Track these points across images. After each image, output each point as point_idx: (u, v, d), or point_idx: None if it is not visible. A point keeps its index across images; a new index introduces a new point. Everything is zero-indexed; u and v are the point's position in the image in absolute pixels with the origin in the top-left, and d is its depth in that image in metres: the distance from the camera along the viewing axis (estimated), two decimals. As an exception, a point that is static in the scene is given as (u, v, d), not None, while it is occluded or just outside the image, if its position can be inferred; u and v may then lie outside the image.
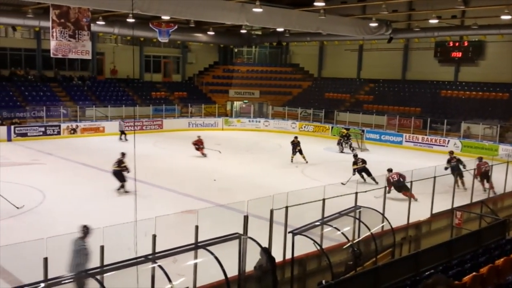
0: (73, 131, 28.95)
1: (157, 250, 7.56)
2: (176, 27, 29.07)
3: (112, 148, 18.75)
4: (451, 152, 18.97)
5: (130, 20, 26.36)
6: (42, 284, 6.24)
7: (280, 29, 32.68)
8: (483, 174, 16.41)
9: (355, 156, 18.96)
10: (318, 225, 9.67)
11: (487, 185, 16.16)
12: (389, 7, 25.35)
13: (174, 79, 40.92)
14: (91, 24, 24.84)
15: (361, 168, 18.08)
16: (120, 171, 15.75)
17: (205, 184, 17.64)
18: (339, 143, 25.75)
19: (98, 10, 25.86)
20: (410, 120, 28.94)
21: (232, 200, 14.29)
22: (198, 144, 22.84)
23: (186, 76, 41.52)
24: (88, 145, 25.94)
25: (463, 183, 16.59)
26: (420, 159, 22.84)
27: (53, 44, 23.07)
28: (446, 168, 16.81)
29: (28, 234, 11.47)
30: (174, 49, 40.23)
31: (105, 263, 7.27)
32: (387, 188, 13.84)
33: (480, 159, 17.27)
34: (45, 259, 6.83)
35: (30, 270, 8.46)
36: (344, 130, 27.07)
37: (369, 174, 17.86)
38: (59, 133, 28.33)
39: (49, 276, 6.72)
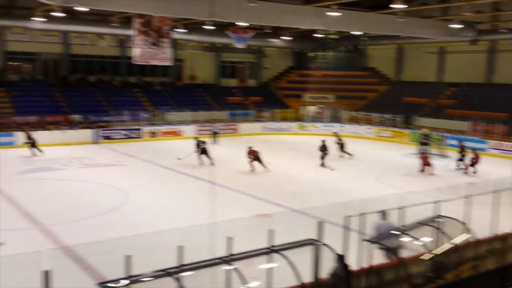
0: (153, 134, 30.15)
1: (232, 253, 7.67)
2: (253, 33, 29.48)
3: (191, 151, 19.31)
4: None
5: (208, 27, 27.06)
6: (126, 281, 6.51)
7: (356, 33, 32.19)
8: None
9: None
10: (395, 234, 9.38)
11: None
12: (473, 8, 24.19)
13: (249, 84, 41.48)
14: (172, 32, 25.81)
15: None
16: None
17: (278, 188, 17.70)
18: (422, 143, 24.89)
19: (178, 18, 26.82)
20: (496, 126, 27.40)
21: (305, 205, 14.25)
22: (252, 155, 20.41)
23: (261, 81, 41.95)
24: (167, 147, 26.87)
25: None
26: (507, 167, 21.54)
27: (136, 51, 24.22)
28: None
29: (112, 232, 12.10)
30: (249, 55, 40.79)
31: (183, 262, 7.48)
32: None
33: None
34: (128, 257, 7.13)
35: (113, 266, 8.90)
36: (425, 129, 26.18)
37: None
38: (140, 136, 29.63)
39: (132, 273, 7.00)
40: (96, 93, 32.49)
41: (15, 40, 31.54)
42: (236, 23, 26.87)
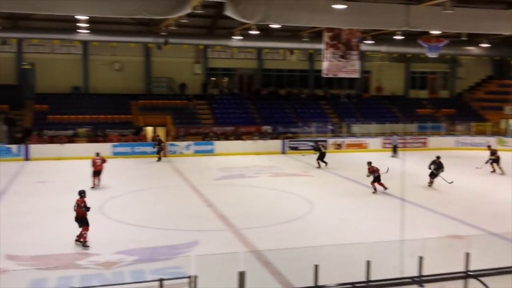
0: (338, 146, 30.33)
1: (422, 273, 7.27)
2: (446, 41, 27.79)
3: (378, 165, 18.90)
4: None
5: (398, 37, 26.33)
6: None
7: None
8: None
9: None
10: None
11: None
12: None
13: (441, 95, 39.15)
14: (360, 44, 25.74)
15: None
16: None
17: (473, 207, 16.26)
18: None
19: (367, 30, 26.65)
20: None
21: (505, 228, 12.83)
22: (372, 172, 18.28)
23: (455, 92, 39.23)
24: (352, 160, 26.73)
25: None
26: None
27: (325, 64, 24.72)
28: None
29: (297, 239, 12.46)
30: (442, 64, 38.50)
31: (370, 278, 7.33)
32: None
33: None
34: (316, 266, 7.24)
35: (300, 274, 9.14)
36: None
37: None
38: (326, 148, 30.01)
39: (319, 283, 7.10)
40: (285, 105, 34.01)
41: (215, 57, 34.87)
42: (429, 32, 25.65)
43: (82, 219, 12.01)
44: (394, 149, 28.25)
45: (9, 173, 21.20)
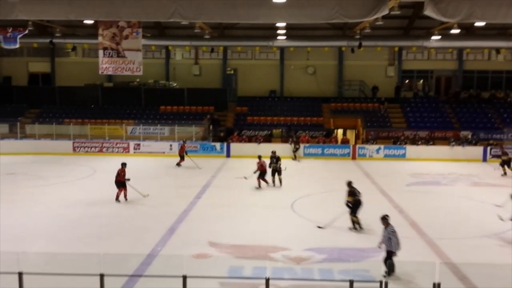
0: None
1: None
2: None
3: None
4: None
5: None
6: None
7: None
8: None
9: None
10: None
11: None
12: None
13: None
14: None
15: None
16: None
17: None
18: None
19: None
20: None
21: None
22: None
23: None
24: None
25: None
26: None
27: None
28: None
29: (497, 256, 11.30)
30: None
31: None
32: None
33: None
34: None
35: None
36: None
37: None
38: None
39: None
40: (488, 109, 31.11)
41: (410, 59, 33.59)
42: None
43: (119, 183, 16.42)
44: None
45: (213, 168, 23.43)
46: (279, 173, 19.42)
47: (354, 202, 13.58)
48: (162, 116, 31.12)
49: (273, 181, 19.37)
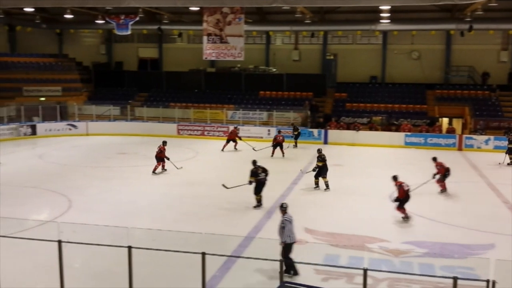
0: None
1: None
2: None
3: None
4: None
5: None
6: None
7: None
8: None
9: None
10: None
11: None
12: None
13: None
14: None
15: None
16: None
17: None
18: None
19: None
20: None
21: None
22: None
23: None
24: None
25: None
26: None
27: None
28: None
29: None
30: None
31: None
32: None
33: None
34: None
35: None
36: None
37: None
38: None
39: None
40: None
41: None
42: None
43: (159, 158, 18.50)
44: None
45: (310, 154, 23.33)
46: None
47: (256, 181, 14.17)
48: (261, 101, 31.54)
49: None
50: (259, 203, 14.26)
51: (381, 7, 24.42)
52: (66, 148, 25.20)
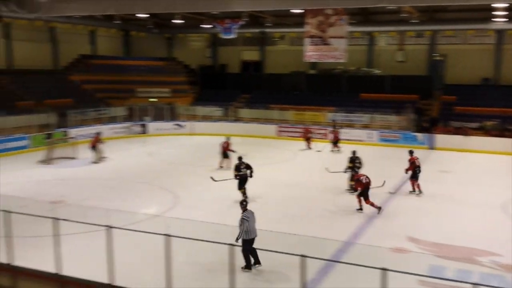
0: None
1: None
2: None
3: None
4: None
5: None
6: None
7: None
8: None
9: None
10: None
11: None
12: None
13: None
14: None
15: None
16: None
17: None
18: None
19: None
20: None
21: None
22: None
23: None
24: None
25: None
26: None
27: None
28: None
29: None
30: None
31: None
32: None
33: None
34: None
35: None
36: None
37: None
38: None
39: None
40: None
41: None
42: None
43: (224, 153, 19.53)
44: None
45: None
46: None
47: (240, 176, 14.81)
48: (363, 104, 30.84)
49: None
50: (244, 196, 14.33)
51: (495, 5, 22.84)
52: (173, 146, 26.50)
